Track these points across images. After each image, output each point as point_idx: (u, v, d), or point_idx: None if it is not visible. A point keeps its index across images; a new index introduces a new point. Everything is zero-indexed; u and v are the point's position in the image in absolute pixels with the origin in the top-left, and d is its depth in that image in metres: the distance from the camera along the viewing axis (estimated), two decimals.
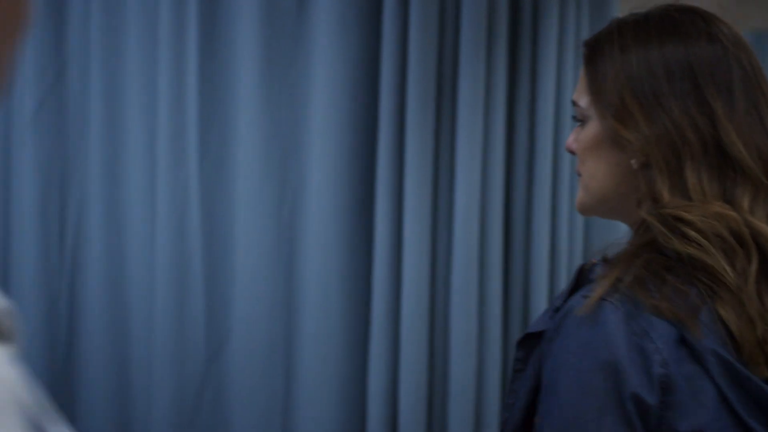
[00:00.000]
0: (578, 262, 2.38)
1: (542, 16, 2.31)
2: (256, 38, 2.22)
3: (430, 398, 2.28)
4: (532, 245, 2.33)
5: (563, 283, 2.35)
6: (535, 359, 1.07)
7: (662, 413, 0.97)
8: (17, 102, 2.23)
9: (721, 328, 0.99)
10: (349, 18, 2.22)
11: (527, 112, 2.33)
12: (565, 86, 2.34)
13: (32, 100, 2.22)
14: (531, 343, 1.09)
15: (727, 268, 0.98)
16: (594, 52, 1.10)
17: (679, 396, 0.97)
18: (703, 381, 0.98)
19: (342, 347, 2.27)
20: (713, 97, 1.03)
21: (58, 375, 2.29)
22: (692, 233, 0.99)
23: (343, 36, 2.22)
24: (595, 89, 1.08)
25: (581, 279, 1.10)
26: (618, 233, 1.22)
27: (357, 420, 2.28)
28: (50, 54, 2.23)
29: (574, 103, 1.12)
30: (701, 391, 0.98)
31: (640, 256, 1.01)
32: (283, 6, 2.24)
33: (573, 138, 1.13)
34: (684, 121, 1.02)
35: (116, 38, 2.24)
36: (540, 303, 2.31)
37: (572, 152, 1.14)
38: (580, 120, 1.12)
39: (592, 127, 1.09)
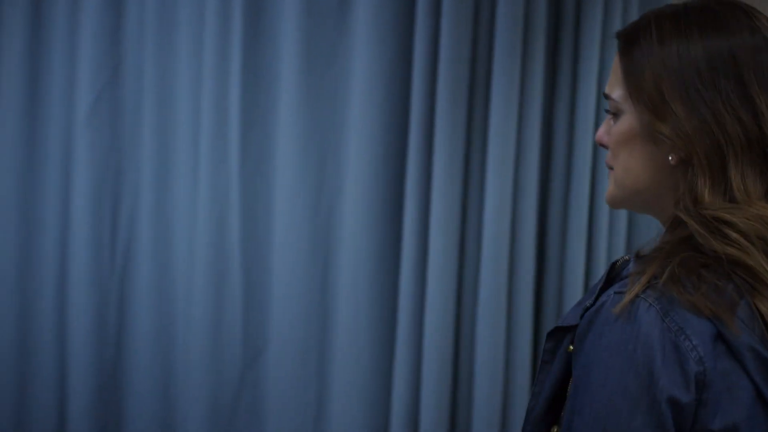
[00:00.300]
0: None
1: (585, 10, 2.24)
2: (298, 31, 2.24)
3: (453, 408, 2.26)
4: (566, 256, 2.28)
5: None
6: (563, 352, 1.06)
7: (697, 411, 0.97)
8: (75, 98, 2.30)
9: (759, 324, 0.99)
10: (385, 12, 2.23)
11: (566, 114, 2.28)
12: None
13: (89, 94, 2.29)
14: (560, 335, 1.08)
15: None
16: (630, 43, 1.09)
17: (714, 393, 0.97)
18: (739, 377, 0.98)
19: (370, 354, 2.27)
20: (757, 91, 1.02)
21: (107, 377, 2.34)
22: (734, 234, 0.99)
23: (380, 31, 2.23)
24: (632, 82, 1.07)
25: (613, 275, 1.10)
26: None
27: (380, 428, 2.29)
28: (107, 51, 2.30)
29: (607, 96, 1.11)
30: (737, 387, 0.98)
31: (676, 253, 1.01)
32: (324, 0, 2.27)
33: (604, 130, 1.12)
34: (727, 116, 1.01)
35: (168, 36, 2.30)
36: None
37: (603, 145, 1.13)
38: (614, 113, 1.11)
39: (627, 121, 1.08)
